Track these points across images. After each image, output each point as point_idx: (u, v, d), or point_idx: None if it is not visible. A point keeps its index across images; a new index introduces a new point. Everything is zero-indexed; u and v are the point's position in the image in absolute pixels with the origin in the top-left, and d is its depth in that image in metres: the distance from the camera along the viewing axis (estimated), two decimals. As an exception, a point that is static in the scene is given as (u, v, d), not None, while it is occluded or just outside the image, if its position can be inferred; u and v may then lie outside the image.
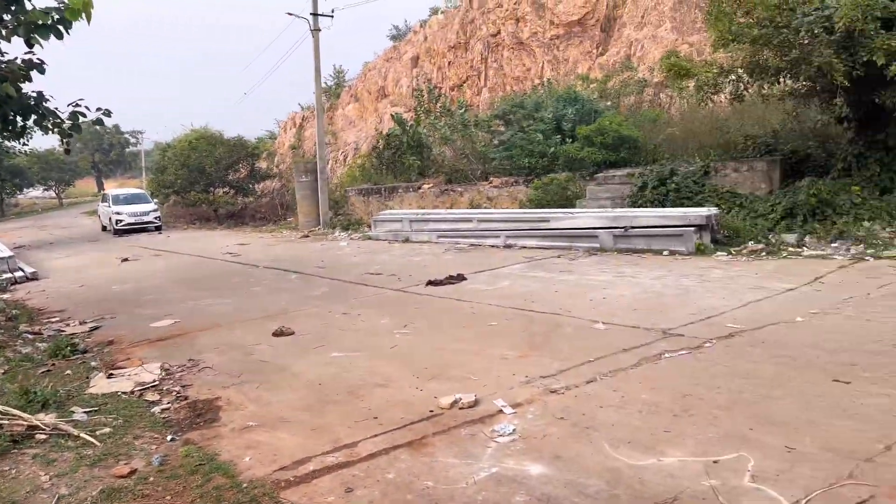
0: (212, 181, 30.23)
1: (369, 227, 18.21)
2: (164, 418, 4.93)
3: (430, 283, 9.57)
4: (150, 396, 5.49)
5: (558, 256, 11.37)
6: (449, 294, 8.79)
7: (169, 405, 5.22)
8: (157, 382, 5.83)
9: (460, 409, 4.55)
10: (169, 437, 4.51)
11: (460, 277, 9.80)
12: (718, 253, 10.20)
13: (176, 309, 9.21)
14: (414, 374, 5.41)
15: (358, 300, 8.87)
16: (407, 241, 15.67)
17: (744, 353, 5.27)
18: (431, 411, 4.55)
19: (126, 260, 16.38)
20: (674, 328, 6.18)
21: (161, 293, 10.78)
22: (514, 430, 4.13)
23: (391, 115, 25.31)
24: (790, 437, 3.70)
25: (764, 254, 9.84)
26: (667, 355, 5.39)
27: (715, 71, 11.21)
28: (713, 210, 11.04)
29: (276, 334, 7.17)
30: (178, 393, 5.54)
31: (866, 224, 9.76)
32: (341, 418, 4.59)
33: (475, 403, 4.60)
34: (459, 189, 18.50)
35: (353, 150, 32.11)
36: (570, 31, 27.94)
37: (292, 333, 7.16)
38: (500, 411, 4.45)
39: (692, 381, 4.74)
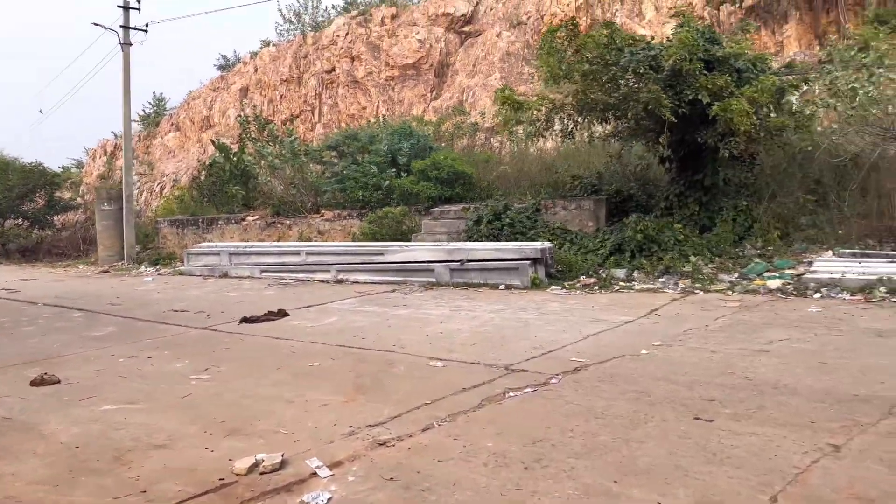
0: (1, 212, 26.44)
1: (182, 261, 16.37)
2: None
3: (244, 320, 8.36)
4: None
5: (393, 291, 10.61)
6: (266, 332, 7.64)
7: None
8: None
9: (261, 473, 3.51)
10: None
11: (281, 313, 8.70)
12: (553, 287, 9.99)
13: None
14: (206, 429, 4.26)
15: (152, 341, 7.43)
16: (225, 276, 14.16)
17: (594, 390, 4.73)
18: (221, 479, 3.46)
19: None
20: (516, 363, 5.57)
21: None
22: (329, 498, 3.18)
23: (211, 140, 23.47)
24: (661, 490, 3.08)
25: (597, 287, 9.74)
26: (511, 394, 4.72)
27: (548, 106, 11.21)
28: (547, 244, 10.88)
29: (35, 383, 5.64)
30: None
31: (693, 259, 9.98)
32: (96, 494, 3.37)
33: (281, 466, 3.58)
34: (288, 222, 17.28)
35: (171, 182, 29.59)
36: (405, 73, 28.04)
37: (57, 382, 5.67)
38: (314, 474, 3.48)
39: (542, 423, 4.07)
